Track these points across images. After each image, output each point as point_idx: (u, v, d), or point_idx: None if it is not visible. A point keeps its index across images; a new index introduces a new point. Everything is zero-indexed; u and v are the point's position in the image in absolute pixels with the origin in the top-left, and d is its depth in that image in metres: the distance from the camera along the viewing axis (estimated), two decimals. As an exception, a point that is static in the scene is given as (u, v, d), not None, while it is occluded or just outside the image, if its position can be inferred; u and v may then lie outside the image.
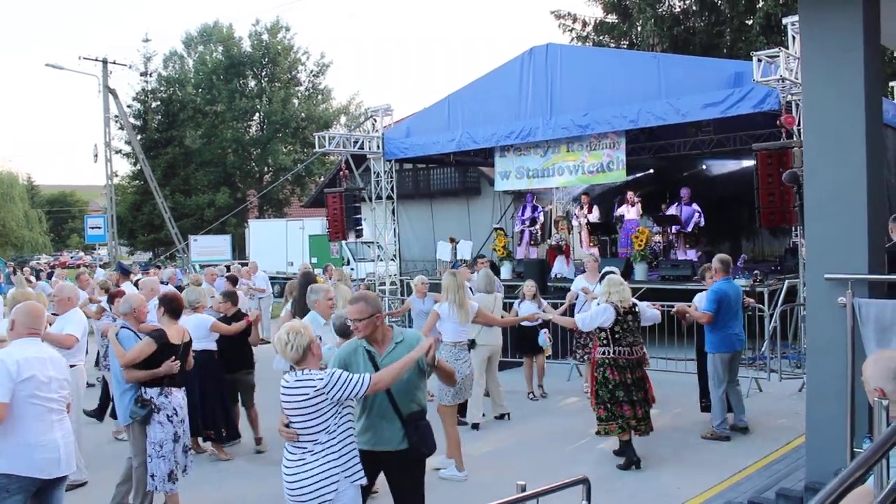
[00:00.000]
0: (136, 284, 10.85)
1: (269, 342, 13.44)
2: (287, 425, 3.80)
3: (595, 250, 14.81)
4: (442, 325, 7.00)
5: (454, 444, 6.50)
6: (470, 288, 9.04)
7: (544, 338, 8.93)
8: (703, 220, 13.69)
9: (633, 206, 14.49)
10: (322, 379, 3.72)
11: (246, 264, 18.00)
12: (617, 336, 6.64)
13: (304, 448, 3.76)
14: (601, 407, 6.66)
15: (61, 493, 4.41)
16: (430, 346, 3.96)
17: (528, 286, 9.47)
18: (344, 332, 5.18)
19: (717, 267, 7.65)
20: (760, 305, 7.78)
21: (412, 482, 4.15)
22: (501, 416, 8.46)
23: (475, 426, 8.12)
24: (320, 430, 3.74)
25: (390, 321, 6.04)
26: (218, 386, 7.26)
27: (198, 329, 6.90)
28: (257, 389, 7.83)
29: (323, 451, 3.74)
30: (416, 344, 4.05)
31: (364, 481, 3.88)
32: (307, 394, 3.70)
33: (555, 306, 9.70)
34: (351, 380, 3.75)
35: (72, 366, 6.10)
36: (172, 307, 5.70)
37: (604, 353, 6.69)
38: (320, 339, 4.72)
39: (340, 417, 3.79)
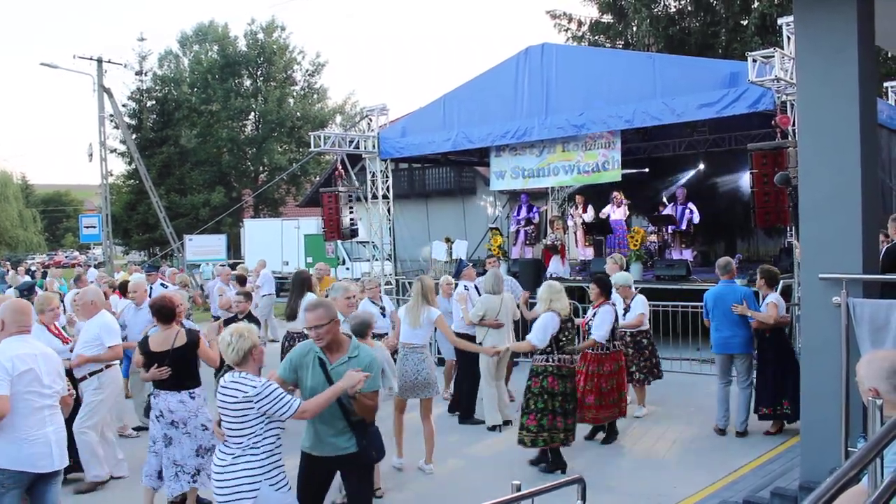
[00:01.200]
0: (123, 287, 10.75)
1: (276, 341, 13.49)
2: (220, 424, 3.91)
3: (591, 250, 14.84)
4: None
5: (396, 433, 6.73)
6: (476, 287, 8.95)
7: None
8: (695, 216, 13.70)
9: (619, 206, 14.49)
10: (254, 388, 3.79)
11: (235, 265, 17.92)
12: (561, 343, 6.40)
13: (230, 450, 3.85)
14: (531, 416, 6.41)
15: (57, 488, 4.44)
16: (358, 382, 3.91)
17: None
18: (359, 332, 5.28)
19: (717, 271, 7.70)
20: (748, 313, 7.32)
21: (362, 481, 4.26)
22: (505, 423, 8.17)
23: (493, 428, 8.06)
24: (245, 434, 3.82)
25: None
26: None
27: None
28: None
29: (246, 455, 3.82)
30: (366, 362, 4.07)
31: (287, 488, 3.96)
32: (237, 397, 3.79)
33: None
34: (281, 399, 3.81)
35: (108, 366, 6.46)
36: (158, 312, 5.63)
37: (547, 361, 6.40)
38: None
39: (267, 428, 3.86)
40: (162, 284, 11.60)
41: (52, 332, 6.36)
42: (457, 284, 9.38)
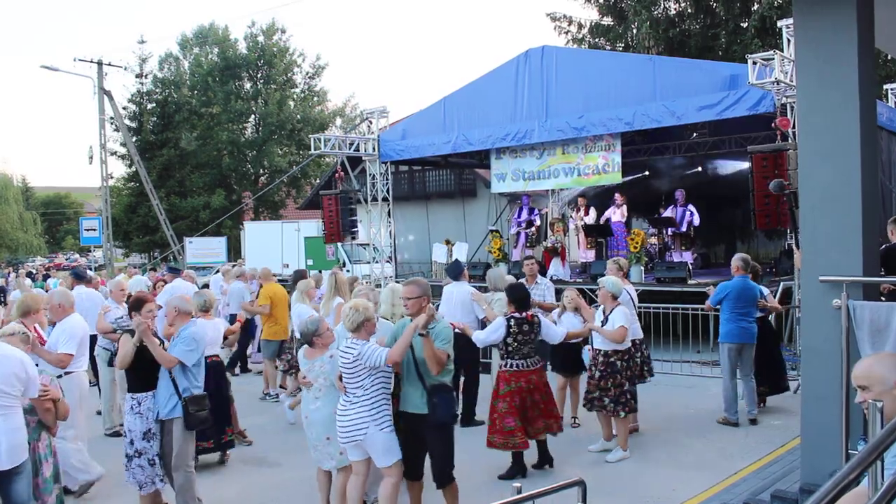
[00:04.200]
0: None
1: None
2: (341, 379, 5.06)
3: (592, 252, 14.83)
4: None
5: None
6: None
7: (589, 355, 7.34)
8: (695, 219, 13.69)
9: (618, 208, 14.49)
10: (358, 349, 4.93)
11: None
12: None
13: (349, 399, 4.99)
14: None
15: (19, 484, 4.36)
16: (427, 318, 4.87)
17: (569, 298, 7.78)
18: (307, 340, 5.55)
19: (737, 265, 8.10)
20: (770, 307, 8.31)
21: (435, 442, 5.07)
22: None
23: None
24: (357, 385, 4.96)
25: None
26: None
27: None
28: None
29: (358, 402, 4.95)
30: (442, 331, 5.03)
31: (391, 429, 4.98)
32: (349, 357, 4.94)
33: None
34: (375, 351, 4.90)
35: (68, 373, 6.05)
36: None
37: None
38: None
39: (374, 379, 4.96)
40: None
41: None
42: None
